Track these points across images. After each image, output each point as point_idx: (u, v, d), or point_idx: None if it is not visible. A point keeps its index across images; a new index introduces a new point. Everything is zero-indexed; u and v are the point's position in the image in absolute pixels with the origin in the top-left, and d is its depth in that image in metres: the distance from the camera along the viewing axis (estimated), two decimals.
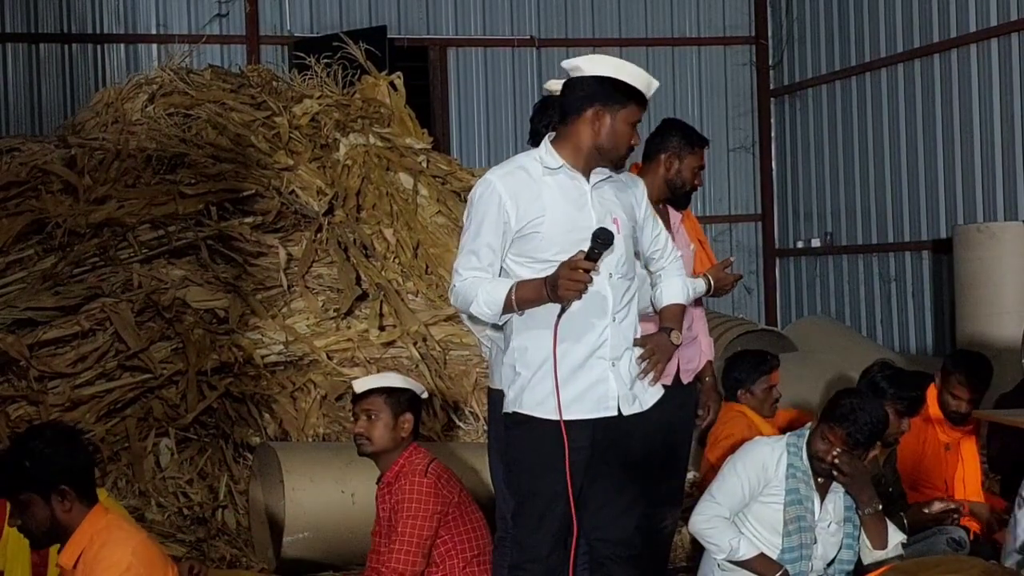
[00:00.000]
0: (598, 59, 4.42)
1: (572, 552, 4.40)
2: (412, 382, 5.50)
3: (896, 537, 5.38)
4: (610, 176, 4.46)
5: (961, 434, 6.52)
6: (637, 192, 4.59)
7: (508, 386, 4.43)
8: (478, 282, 4.35)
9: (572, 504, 4.34)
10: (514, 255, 4.39)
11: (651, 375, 4.44)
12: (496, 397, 4.75)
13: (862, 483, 5.30)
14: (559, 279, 4.21)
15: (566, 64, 4.44)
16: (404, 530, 5.12)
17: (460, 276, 4.39)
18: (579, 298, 4.27)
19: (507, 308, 4.32)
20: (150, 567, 4.09)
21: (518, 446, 4.43)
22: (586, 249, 4.23)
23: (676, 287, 4.65)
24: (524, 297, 4.30)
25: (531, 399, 4.37)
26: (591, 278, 4.25)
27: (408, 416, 5.28)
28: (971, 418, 6.56)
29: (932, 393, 6.49)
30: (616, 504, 4.47)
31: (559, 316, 4.29)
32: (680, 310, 4.65)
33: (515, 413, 4.40)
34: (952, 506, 6.25)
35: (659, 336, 4.51)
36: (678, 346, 4.60)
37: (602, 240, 4.24)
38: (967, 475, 6.53)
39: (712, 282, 5.41)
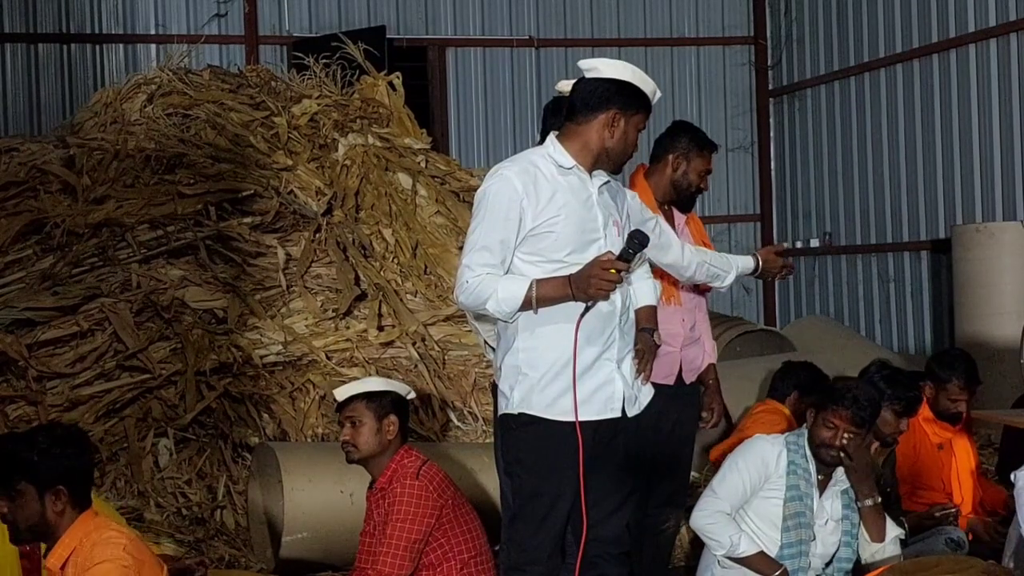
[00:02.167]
0: (616, 63, 4.42)
1: (580, 552, 4.39)
2: (394, 383, 5.44)
3: (893, 531, 5.41)
4: (608, 181, 4.49)
5: (952, 433, 6.52)
6: (622, 198, 4.61)
7: (512, 387, 4.39)
8: (492, 279, 4.29)
9: (584, 505, 4.33)
10: (524, 253, 4.34)
11: (643, 375, 4.46)
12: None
13: (864, 473, 5.33)
14: (590, 278, 4.19)
15: (584, 64, 4.43)
16: (393, 533, 5.08)
17: (473, 272, 4.30)
18: (607, 298, 4.27)
19: (524, 306, 4.29)
20: (141, 564, 4.10)
21: (523, 447, 4.41)
22: (611, 249, 4.26)
23: (647, 289, 4.65)
24: (545, 295, 4.27)
25: (541, 400, 4.34)
26: (622, 278, 4.25)
27: (393, 418, 5.23)
28: (964, 416, 6.56)
29: None
30: (608, 503, 4.47)
31: (582, 315, 4.27)
32: (653, 311, 4.66)
33: (522, 414, 4.37)
34: (951, 510, 6.25)
35: (643, 336, 4.53)
36: (659, 345, 4.62)
37: (638, 241, 4.26)
38: (961, 473, 6.53)
39: (761, 262, 5.42)
